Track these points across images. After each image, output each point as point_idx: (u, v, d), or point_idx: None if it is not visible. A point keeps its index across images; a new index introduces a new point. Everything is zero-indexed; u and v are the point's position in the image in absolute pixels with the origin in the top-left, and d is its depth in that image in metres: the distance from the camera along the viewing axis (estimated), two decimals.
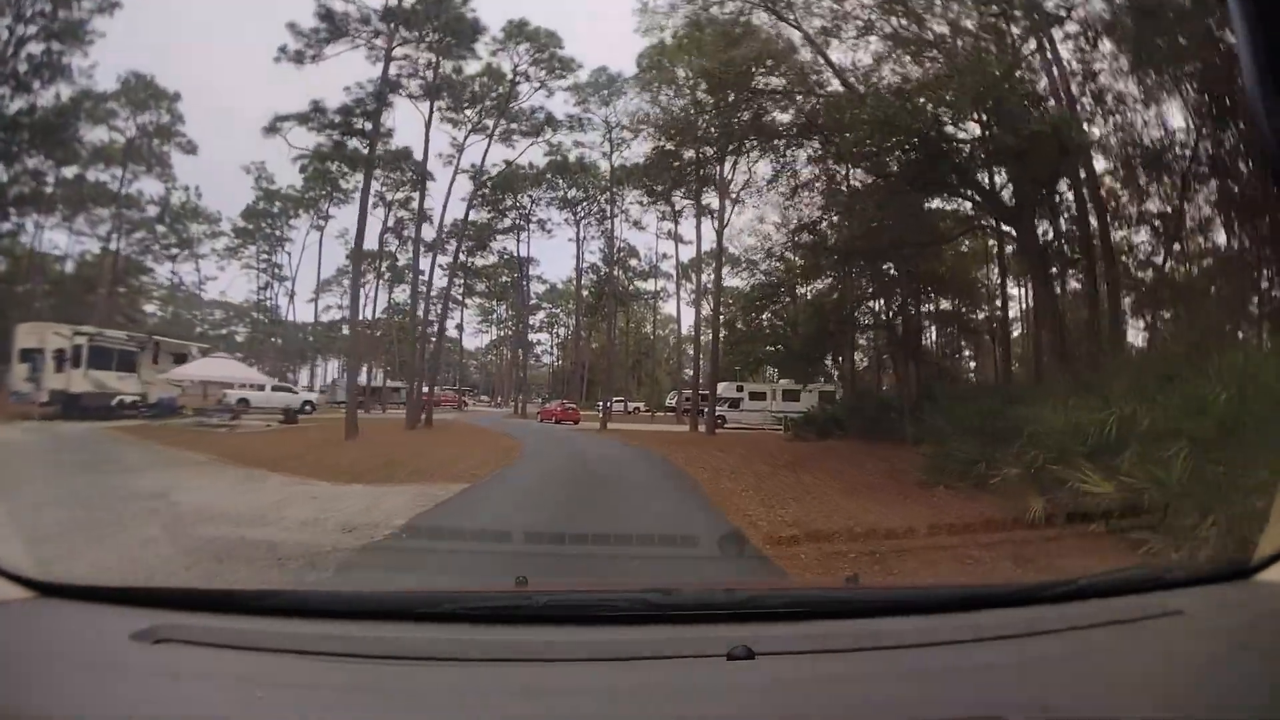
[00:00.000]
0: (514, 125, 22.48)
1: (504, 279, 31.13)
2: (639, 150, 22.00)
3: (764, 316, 20.48)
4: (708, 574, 4.36)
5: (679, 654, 1.45)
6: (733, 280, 23.56)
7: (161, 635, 1.42)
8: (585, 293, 30.51)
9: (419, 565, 5.68)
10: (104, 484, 8.88)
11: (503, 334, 38.12)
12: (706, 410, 21.82)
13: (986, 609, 1.73)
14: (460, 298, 30.57)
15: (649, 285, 31.88)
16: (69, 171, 22.15)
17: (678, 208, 25.28)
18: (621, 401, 31.86)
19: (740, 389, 23.87)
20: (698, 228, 24.18)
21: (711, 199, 21.93)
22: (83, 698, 1.27)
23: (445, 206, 23.56)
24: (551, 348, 40.83)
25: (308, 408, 22.02)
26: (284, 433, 17.01)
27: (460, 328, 34.87)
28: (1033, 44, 14.00)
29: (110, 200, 23.81)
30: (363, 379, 27.50)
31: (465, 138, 21.94)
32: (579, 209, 26.76)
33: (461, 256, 26.29)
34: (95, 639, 1.47)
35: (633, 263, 30.00)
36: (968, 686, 1.38)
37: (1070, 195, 14.25)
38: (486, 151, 22.63)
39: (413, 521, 7.27)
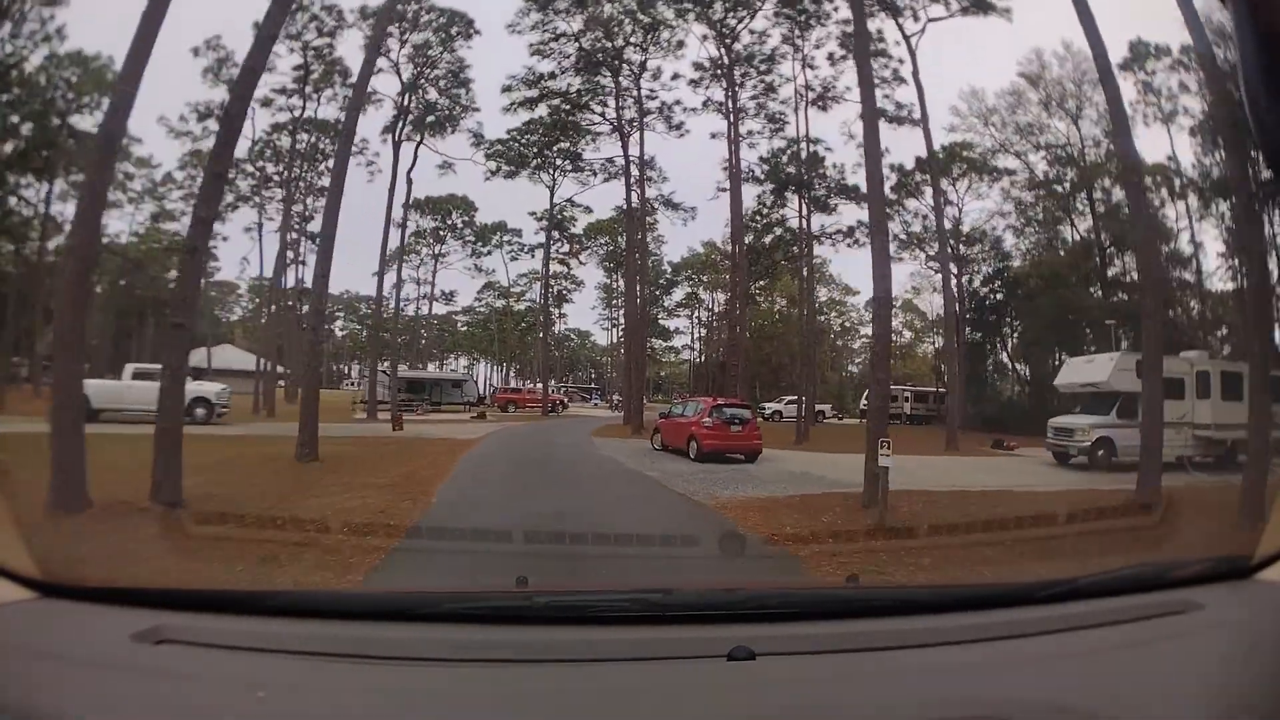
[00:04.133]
0: None
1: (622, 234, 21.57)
2: None
3: None
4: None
5: (680, 654, 1.45)
6: None
7: (163, 636, 1.42)
8: (747, 239, 17.74)
9: None
10: None
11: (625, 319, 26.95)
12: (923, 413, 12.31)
13: (987, 609, 1.73)
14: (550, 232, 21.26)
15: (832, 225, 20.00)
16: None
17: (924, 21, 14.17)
18: (795, 403, 21.39)
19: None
20: None
21: None
22: (84, 698, 1.27)
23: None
24: (693, 339, 30.19)
25: (199, 411, 14.76)
26: None
27: (548, 288, 24.61)
28: None
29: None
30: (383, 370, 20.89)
31: None
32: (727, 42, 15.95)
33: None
34: (96, 639, 1.47)
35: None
36: (969, 686, 1.39)
37: None
38: None
39: None
